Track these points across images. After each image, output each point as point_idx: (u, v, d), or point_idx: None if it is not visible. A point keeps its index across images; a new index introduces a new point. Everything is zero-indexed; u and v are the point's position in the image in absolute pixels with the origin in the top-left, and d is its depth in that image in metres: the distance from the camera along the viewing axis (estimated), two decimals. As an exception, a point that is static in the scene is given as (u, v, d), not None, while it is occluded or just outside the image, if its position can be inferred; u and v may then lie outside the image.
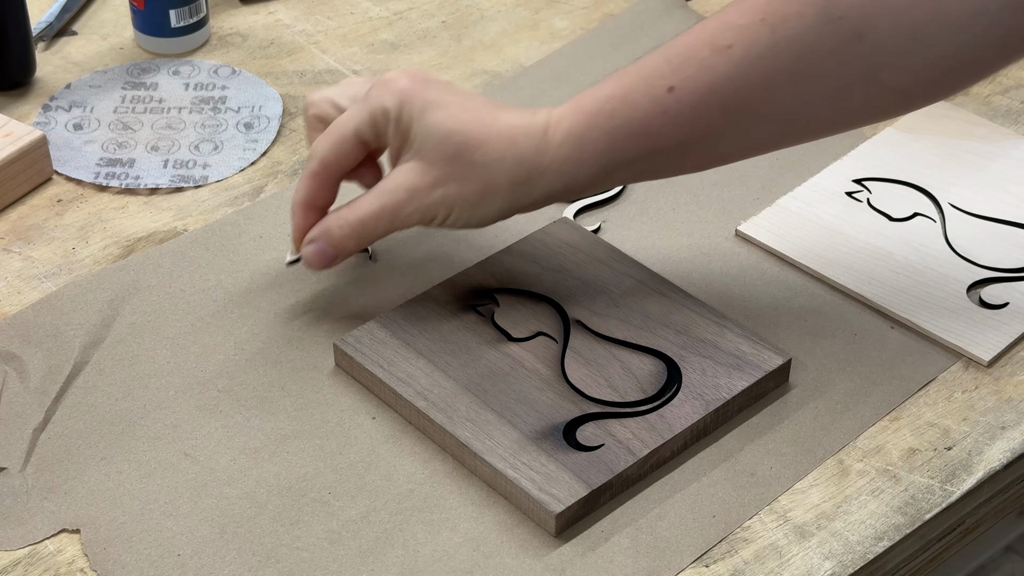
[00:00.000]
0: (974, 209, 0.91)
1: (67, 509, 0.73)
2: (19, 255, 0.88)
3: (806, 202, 0.92)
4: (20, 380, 0.79)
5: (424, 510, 0.73)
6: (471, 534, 0.72)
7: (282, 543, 0.72)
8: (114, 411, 0.78)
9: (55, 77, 1.02)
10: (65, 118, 0.98)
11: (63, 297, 0.85)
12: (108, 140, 0.97)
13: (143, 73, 1.03)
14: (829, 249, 0.88)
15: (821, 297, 0.86)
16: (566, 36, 1.08)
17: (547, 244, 0.86)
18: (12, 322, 0.83)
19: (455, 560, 0.71)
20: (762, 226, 0.90)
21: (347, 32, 1.08)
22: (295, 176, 0.94)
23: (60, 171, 0.94)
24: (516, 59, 1.06)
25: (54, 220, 0.91)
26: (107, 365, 0.81)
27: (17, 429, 0.77)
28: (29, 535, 0.72)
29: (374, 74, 1.03)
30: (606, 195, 0.93)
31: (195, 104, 1.00)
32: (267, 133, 0.98)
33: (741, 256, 0.89)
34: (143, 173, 0.94)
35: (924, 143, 0.96)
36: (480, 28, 1.09)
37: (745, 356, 0.78)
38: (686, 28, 1.07)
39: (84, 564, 0.71)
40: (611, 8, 1.11)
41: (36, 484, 0.74)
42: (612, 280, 0.83)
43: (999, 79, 1.03)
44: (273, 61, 1.05)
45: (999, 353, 0.82)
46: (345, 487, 0.74)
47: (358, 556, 0.71)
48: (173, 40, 1.04)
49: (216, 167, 0.95)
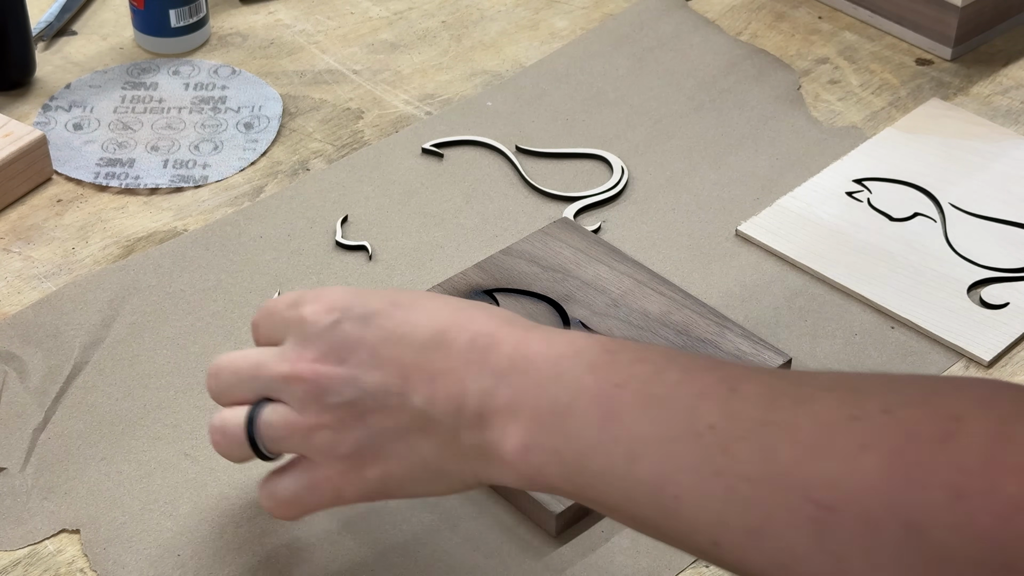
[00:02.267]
0: (974, 209, 0.91)
1: (67, 509, 0.73)
2: (19, 255, 0.88)
3: (806, 202, 0.92)
4: (20, 380, 0.79)
5: (424, 510, 0.73)
6: (471, 534, 0.72)
7: (282, 544, 0.72)
8: (114, 411, 0.78)
9: (55, 77, 1.02)
10: (65, 118, 0.98)
11: (63, 297, 0.85)
12: (108, 140, 0.97)
13: (143, 73, 1.03)
14: (829, 249, 0.88)
15: (821, 297, 0.86)
16: (566, 36, 1.08)
17: (547, 244, 0.86)
18: (12, 322, 0.83)
19: (455, 560, 0.71)
20: (762, 226, 0.90)
21: (347, 32, 1.08)
22: (295, 176, 0.94)
23: (60, 171, 0.94)
24: (516, 59, 1.06)
25: (54, 220, 0.91)
26: (107, 365, 0.81)
27: (17, 429, 0.77)
28: (29, 535, 0.72)
29: (374, 74, 1.04)
30: (606, 195, 0.93)
31: (195, 104, 1.00)
32: (267, 133, 0.98)
33: (741, 256, 0.89)
34: (143, 173, 0.94)
35: (924, 143, 0.96)
36: (480, 28, 1.09)
37: (745, 356, 0.78)
38: (686, 28, 1.08)
39: (84, 564, 0.71)
40: (611, 8, 1.11)
41: (36, 484, 0.74)
42: (612, 280, 0.83)
43: (999, 79, 1.04)
44: (273, 61, 1.05)
45: (999, 353, 0.82)
46: (345, 487, 0.74)
47: (358, 557, 0.71)
48: (173, 40, 1.04)
49: (216, 167, 0.95)
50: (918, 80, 1.04)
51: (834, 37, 1.08)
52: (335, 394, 0.62)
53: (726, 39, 1.07)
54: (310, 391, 0.63)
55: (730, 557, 0.55)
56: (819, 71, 1.05)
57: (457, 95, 1.02)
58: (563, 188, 0.94)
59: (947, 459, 0.49)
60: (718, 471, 0.54)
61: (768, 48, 1.07)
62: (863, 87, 1.03)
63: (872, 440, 0.51)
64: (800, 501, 0.52)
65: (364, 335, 0.63)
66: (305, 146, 0.97)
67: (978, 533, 0.48)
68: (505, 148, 0.96)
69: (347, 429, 0.62)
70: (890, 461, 0.50)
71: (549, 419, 0.59)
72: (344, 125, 0.99)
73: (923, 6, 1.05)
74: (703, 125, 0.99)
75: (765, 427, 0.54)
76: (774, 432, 0.53)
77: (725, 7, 1.11)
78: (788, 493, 0.52)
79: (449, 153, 0.97)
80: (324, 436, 0.63)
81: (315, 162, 0.96)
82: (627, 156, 0.96)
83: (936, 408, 0.51)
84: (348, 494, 0.64)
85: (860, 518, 0.50)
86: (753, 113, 1.00)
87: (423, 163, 0.96)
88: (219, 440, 0.66)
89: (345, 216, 0.91)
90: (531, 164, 0.96)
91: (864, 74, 1.04)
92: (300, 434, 0.63)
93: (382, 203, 0.92)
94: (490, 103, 1.01)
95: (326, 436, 0.63)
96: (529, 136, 0.98)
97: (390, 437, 0.62)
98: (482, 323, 0.62)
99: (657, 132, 0.99)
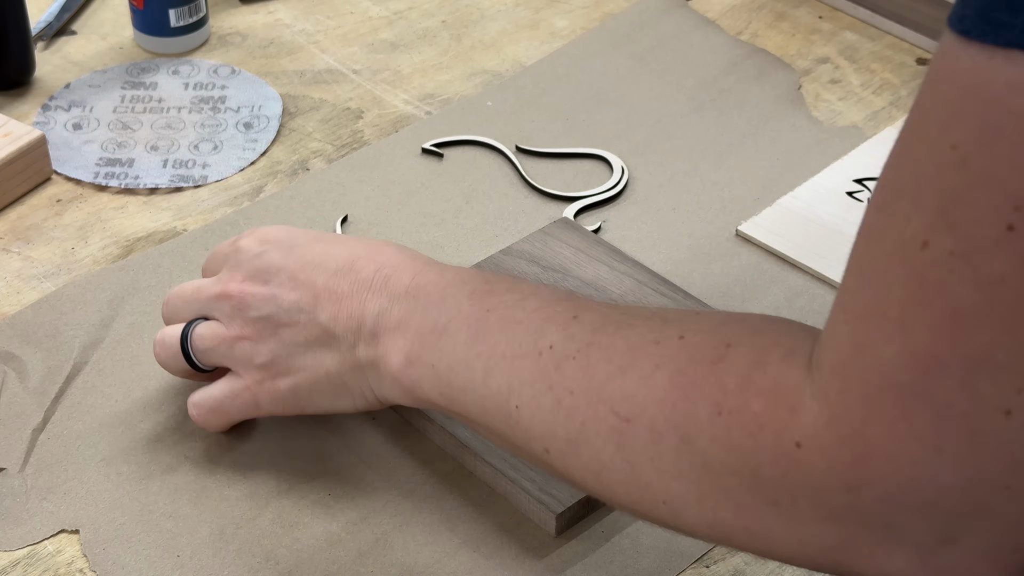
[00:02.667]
0: (975, 209, 0.91)
1: (66, 509, 0.73)
2: (18, 255, 0.88)
3: (806, 202, 0.92)
4: (19, 380, 0.79)
5: (424, 511, 0.73)
6: (471, 535, 0.72)
7: (281, 544, 0.71)
8: (114, 411, 0.78)
9: (54, 77, 1.02)
10: (64, 118, 0.98)
11: (62, 297, 0.84)
12: (107, 140, 0.96)
13: (142, 73, 1.03)
14: (829, 249, 0.88)
15: (821, 297, 0.85)
16: (566, 36, 1.08)
17: (547, 244, 0.86)
18: (11, 322, 0.83)
19: (455, 561, 0.71)
20: (762, 226, 0.90)
21: (347, 32, 1.08)
22: (295, 176, 0.94)
23: (59, 171, 0.94)
24: (516, 59, 1.06)
25: (53, 220, 0.91)
26: (106, 365, 0.81)
27: (16, 429, 0.77)
28: (28, 535, 0.72)
29: (374, 73, 1.04)
30: (606, 195, 0.93)
31: (195, 104, 1.00)
32: (267, 133, 0.97)
33: (741, 256, 0.89)
34: (142, 173, 0.94)
35: (924, 143, 0.96)
36: (480, 28, 1.09)
37: (745, 356, 0.78)
38: (686, 28, 1.08)
39: (83, 564, 0.71)
40: (611, 8, 1.11)
41: (35, 484, 0.74)
42: (612, 280, 0.83)
43: (1000, 79, 1.03)
44: (273, 61, 1.05)
45: (1000, 353, 0.82)
46: (345, 488, 0.74)
47: (358, 558, 0.71)
48: (173, 40, 1.04)
49: (215, 167, 0.95)
50: (919, 80, 1.04)
51: (835, 37, 1.08)
52: (255, 309, 0.72)
53: (726, 39, 1.07)
54: (235, 306, 0.72)
55: (559, 465, 0.62)
56: (820, 71, 1.05)
57: (457, 95, 1.02)
58: (563, 188, 0.93)
59: (715, 379, 0.55)
60: (551, 385, 0.61)
61: (768, 48, 1.07)
62: (864, 87, 1.03)
63: (664, 361, 0.57)
64: (606, 412, 0.58)
65: (286, 262, 0.72)
66: (305, 146, 0.97)
67: (732, 444, 0.53)
68: (505, 148, 0.96)
69: (264, 341, 0.72)
70: (673, 380, 0.56)
71: (429, 337, 0.68)
72: (344, 125, 0.99)
73: (923, 6, 1.05)
74: (703, 125, 0.99)
75: (590, 347, 0.60)
76: (595, 352, 0.60)
77: (725, 7, 1.11)
78: (599, 406, 0.59)
79: (449, 153, 0.96)
80: (244, 347, 0.72)
81: (315, 162, 0.95)
82: (627, 156, 0.96)
83: (717, 335, 0.57)
84: (264, 403, 0.73)
85: (649, 428, 0.56)
86: (753, 113, 1.00)
87: (423, 163, 0.96)
88: (159, 352, 0.75)
89: (345, 216, 0.91)
90: (531, 164, 0.96)
91: (865, 74, 1.04)
92: (225, 344, 0.73)
93: (382, 203, 0.92)
94: (490, 103, 1.01)
95: (246, 347, 0.72)
96: (529, 136, 0.98)
97: (299, 350, 0.71)
98: (388, 256, 0.72)
99: (657, 132, 0.99)
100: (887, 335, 0.48)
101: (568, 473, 0.62)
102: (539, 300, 0.66)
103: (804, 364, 0.52)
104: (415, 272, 0.70)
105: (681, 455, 0.55)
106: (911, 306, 0.48)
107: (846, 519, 0.51)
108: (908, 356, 0.48)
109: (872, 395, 0.49)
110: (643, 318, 0.61)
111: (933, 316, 0.47)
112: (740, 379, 0.54)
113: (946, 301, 0.47)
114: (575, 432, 0.60)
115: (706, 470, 0.54)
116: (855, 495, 0.50)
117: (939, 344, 0.47)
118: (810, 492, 0.51)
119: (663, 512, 0.57)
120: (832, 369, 0.50)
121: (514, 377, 0.63)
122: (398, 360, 0.69)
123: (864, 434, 0.49)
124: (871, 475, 0.49)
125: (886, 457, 0.49)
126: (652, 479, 0.57)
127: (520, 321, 0.65)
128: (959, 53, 0.46)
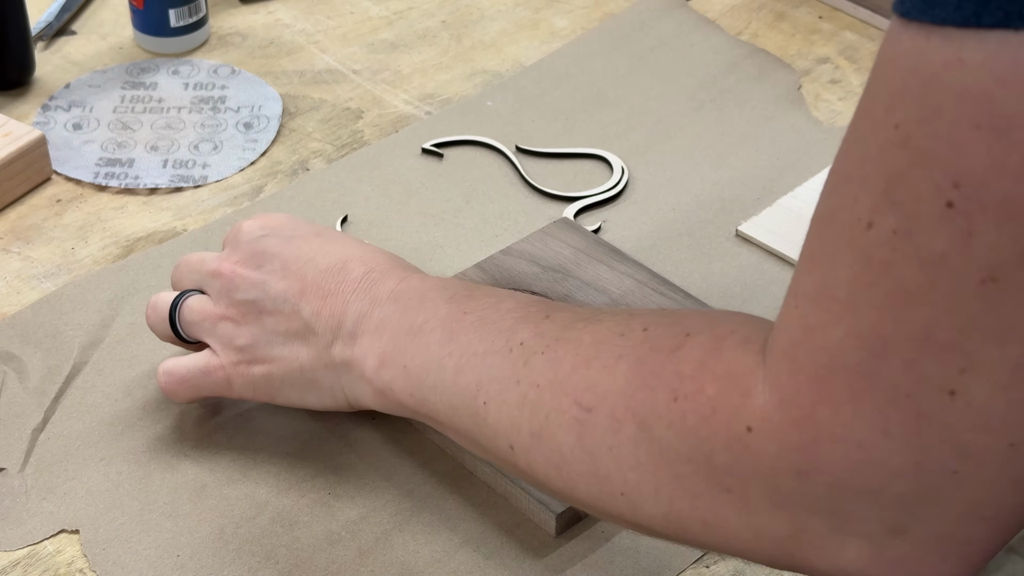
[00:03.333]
0: (975, 209, 0.91)
1: (66, 509, 0.73)
2: (18, 255, 0.88)
3: (806, 202, 0.92)
4: (19, 380, 0.79)
5: (424, 511, 0.73)
6: (471, 535, 0.72)
7: (281, 544, 0.71)
8: (114, 411, 0.78)
9: (54, 77, 1.02)
10: (64, 118, 0.98)
11: (62, 297, 0.84)
12: (107, 140, 0.96)
13: (142, 73, 1.03)
14: (829, 249, 0.88)
15: (821, 297, 0.85)
16: (566, 36, 1.08)
17: (547, 244, 0.86)
18: (11, 322, 0.83)
19: (455, 561, 0.71)
20: (762, 226, 0.90)
21: (347, 32, 1.08)
22: (295, 176, 0.94)
23: (59, 171, 0.94)
24: (516, 59, 1.06)
25: (53, 220, 0.91)
26: (106, 365, 0.81)
27: (16, 429, 0.77)
28: (28, 535, 0.72)
29: (374, 73, 1.04)
30: (606, 195, 0.93)
31: (195, 104, 1.00)
32: (267, 133, 0.97)
33: (741, 256, 0.89)
34: (142, 173, 0.94)
35: (924, 143, 0.96)
36: (480, 28, 1.09)
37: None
38: (686, 28, 1.08)
39: (83, 564, 0.71)
40: (611, 8, 1.11)
41: (35, 484, 0.74)
42: (612, 280, 0.83)
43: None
44: (273, 61, 1.05)
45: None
46: (345, 488, 0.74)
47: (358, 557, 0.71)
48: (172, 40, 1.04)
49: (215, 167, 0.95)
50: (918, 80, 1.03)
51: (835, 37, 1.08)
52: (243, 292, 0.73)
53: (726, 39, 1.07)
54: (225, 285, 0.74)
55: (522, 462, 0.62)
56: (820, 71, 1.05)
57: (457, 95, 1.02)
58: (563, 188, 0.94)
59: (672, 367, 0.55)
60: (518, 380, 0.62)
61: (768, 48, 1.07)
62: (864, 87, 1.03)
63: (627, 351, 0.58)
64: (569, 404, 0.58)
65: (282, 251, 0.73)
66: (305, 146, 0.97)
67: (687, 430, 0.53)
68: (505, 148, 0.96)
69: (246, 324, 0.73)
70: (633, 368, 0.57)
71: (404, 339, 0.68)
72: (344, 125, 0.99)
73: (923, 6, 1.05)
74: (703, 125, 0.99)
75: (558, 342, 0.61)
76: (563, 346, 0.61)
77: (725, 7, 1.11)
78: (563, 397, 0.59)
79: (449, 153, 0.96)
80: (227, 327, 0.73)
81: (315, 162, 0.95)
82: (627, 156, 0.96)
83: (678, 326, 0.57)
84: (236, 386, 0.74)
85: (609, 417, 0.57)
86: (753, 113, 1.00)
87: (423, 163, 0.96)
88: (150, 314, 0.77)
89: (345, 216, 0.91)
90: (531, 164, 0.96)
91: (865, 74, 1.04)
92: (209, 320, 0.74)
93: (382, 203, 0.92)
94: (490, 103, 1.01)
95: (228, 327, 0.73)
96: (529, 136, 0.98)
97: (278, 340, 0.72)
98: (380, 261, 0.73)
99: (657, 132, 0.99)
100: (835, 316, 0.48)
101: (531, 470, 0.62)
102: (515, 302, 0.66)
103: (759, 350, 0.53)
104: (400, 278, 0.71)
105: (639, 444, 0.55)
106: (857, 287, 0.48)
107: (797, 506, 0.51)
108: (855, 337, 0.48)
109: (821, 377, 0.49)
110: (611, 314, 0.62)
111: (878, 296, 0.47)
112: (696, 364, 0.54)
113: (890, 281, 0.47)
114: (539, 425, 0.60)
115: (662, 458, 0.55)
116: (804, 480, 0.50)
117: (884, 324, 0.47)
118: (761, 478, 0.51)
119: (622, 505, 0.57)
120: (783, 352, 0.51)
121: (483, 373, 0.64)
122: (372, 363, 0.69)
123: (813, 417, 0.49)
124: (820, 459, 0.49)
125: (834, 440, 0.49)
126: (611, 470, 0.57)
127: (494, 321, 0.65)
128: (900, 35, 0.46)
